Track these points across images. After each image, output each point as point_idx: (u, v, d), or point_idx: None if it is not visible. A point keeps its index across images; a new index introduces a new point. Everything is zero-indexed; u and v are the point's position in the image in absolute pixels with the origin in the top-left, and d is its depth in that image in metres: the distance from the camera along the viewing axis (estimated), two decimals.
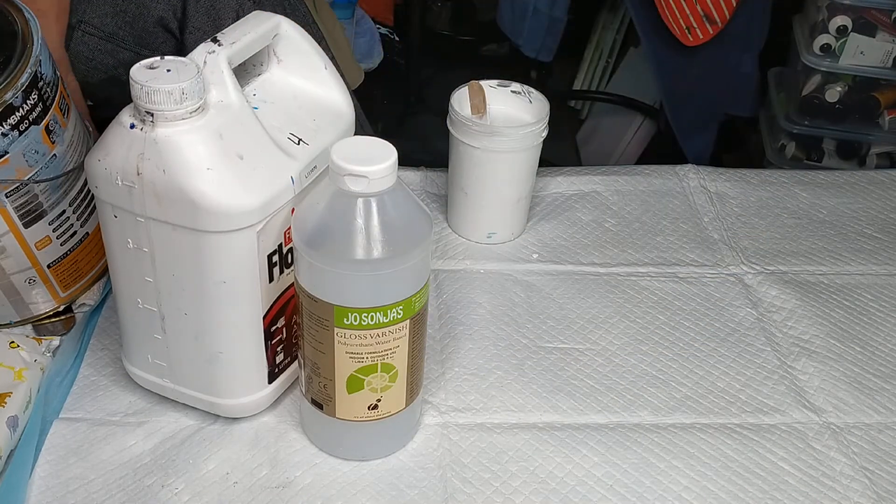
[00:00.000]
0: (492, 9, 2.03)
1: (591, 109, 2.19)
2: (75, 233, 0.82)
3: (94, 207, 0.79)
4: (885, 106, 1.57)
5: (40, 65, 0.74)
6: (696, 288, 0.94)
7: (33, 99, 0.73)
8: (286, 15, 0.89)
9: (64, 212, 0.80)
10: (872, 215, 1.06)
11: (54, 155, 0.76)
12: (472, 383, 0.81)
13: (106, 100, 0.95)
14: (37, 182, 0.76)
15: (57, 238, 0.81)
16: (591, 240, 1.00)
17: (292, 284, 0.71)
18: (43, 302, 0.84)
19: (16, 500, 0.69)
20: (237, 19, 0.73)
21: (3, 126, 0.71)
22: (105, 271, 0.87)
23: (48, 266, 0.81)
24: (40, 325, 0.85)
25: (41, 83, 0.74)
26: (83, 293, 0.87)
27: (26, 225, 0.77)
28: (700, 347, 0.87)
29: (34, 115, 0.73)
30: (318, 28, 1.04)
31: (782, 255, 0.99)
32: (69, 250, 0.83)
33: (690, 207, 1.05)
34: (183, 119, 0.63)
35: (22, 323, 0.84)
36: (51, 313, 0.85)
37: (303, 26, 0.74)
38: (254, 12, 0.73)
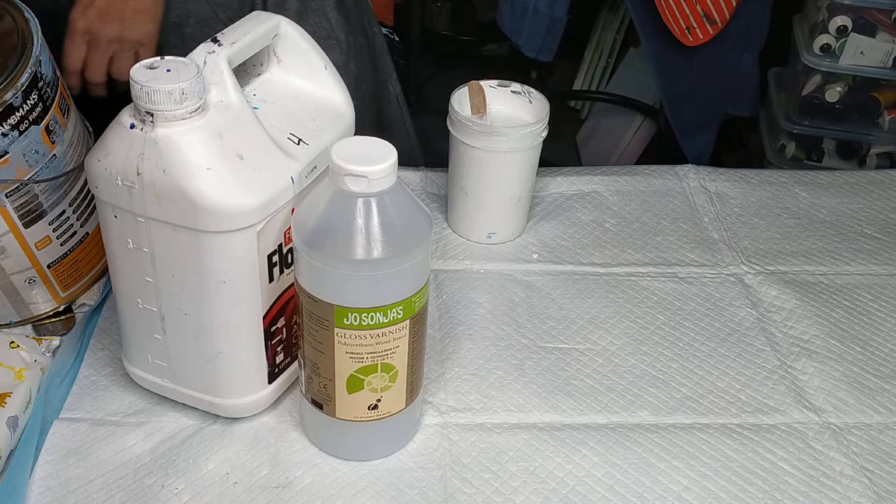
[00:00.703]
0: (492, 9, 2.02)
1: (591, 109, 2.20)
2: (75, 233, 0.82)
3: (94, 207, 0.79)
4: (885, 106, 1.57)
5: (40, 65, 0.74)
6: (696, 288, 0.94)
7: (33, 99, 0.73)
8: (354, 30, 0.83)
9: (64, 212, 0.80)
10: (872, 215, 1.06)
11: (54, 155, 0.76)
12: (472, 383, 0.81)
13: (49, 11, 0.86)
14: (37, 182, 0.76)
15: (57, 238, 0.81)
16: (591, 240, 1.00)
17: (292, 284, 0.71)
18: (43, 302, 0.84)
19: (16, 500, 0.69)
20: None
21: (3, 126, 0.71)
22: (105, 271, 0.87)
23: (48, 266, 0.81)
24: (40, 325, 0.85)
25: (41, 83, 0.74)
26: (83, 293, 0.87)
27: (26, 225, 0.77)
28: (700, 347, 0.87)
29: (34, 115, 0.73)
30: (380, 31, 1.01)
31: (782, 255, 0.99)
32: (69, 250, 0.82)
33: (690, 207, 1.05)
34: (183, 119, 0.63)
35: (22, 323, 0.84)
36: (51, 313, 0.85)
37: (370, 28, 0.71)
38: (254, 12, 0.73)
